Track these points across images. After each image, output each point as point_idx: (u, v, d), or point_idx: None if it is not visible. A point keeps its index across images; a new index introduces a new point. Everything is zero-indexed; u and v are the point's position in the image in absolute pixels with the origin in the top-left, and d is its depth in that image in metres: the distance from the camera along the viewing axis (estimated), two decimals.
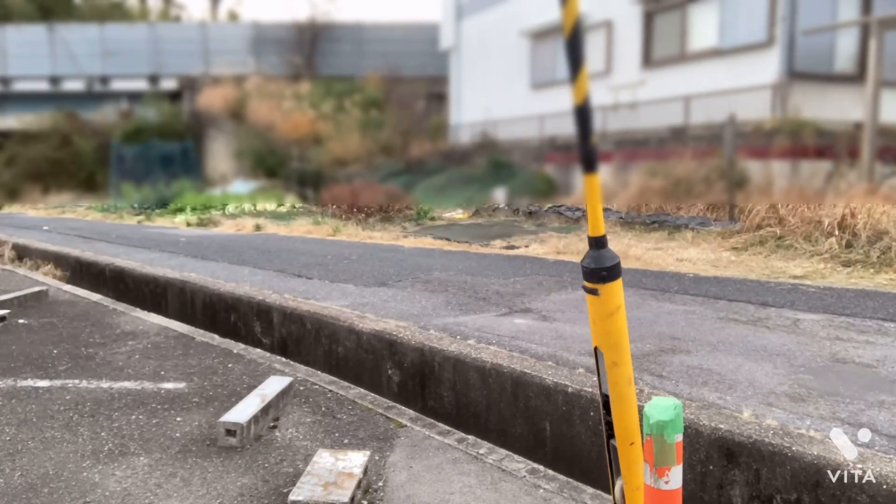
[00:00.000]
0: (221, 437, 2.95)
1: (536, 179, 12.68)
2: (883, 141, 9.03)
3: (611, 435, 1.70)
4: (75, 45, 17.52)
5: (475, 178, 13.02)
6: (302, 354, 5.02)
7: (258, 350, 4.63)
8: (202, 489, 2.55)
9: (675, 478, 1.52)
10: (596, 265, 1.59)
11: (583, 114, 1.52)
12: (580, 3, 1.46)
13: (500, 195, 13.19)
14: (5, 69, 17.75)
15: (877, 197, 8.19)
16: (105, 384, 3.79)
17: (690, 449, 2.72)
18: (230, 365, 4.16)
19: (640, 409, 1.56)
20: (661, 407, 1.50)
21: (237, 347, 4.60)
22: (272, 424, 3.20)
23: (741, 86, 9.98)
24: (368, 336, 4.47)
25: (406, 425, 3.20)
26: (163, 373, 3.99)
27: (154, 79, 17.53)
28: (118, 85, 17.56)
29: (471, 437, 3.12)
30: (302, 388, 3.73)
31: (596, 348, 1.65)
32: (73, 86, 17.61)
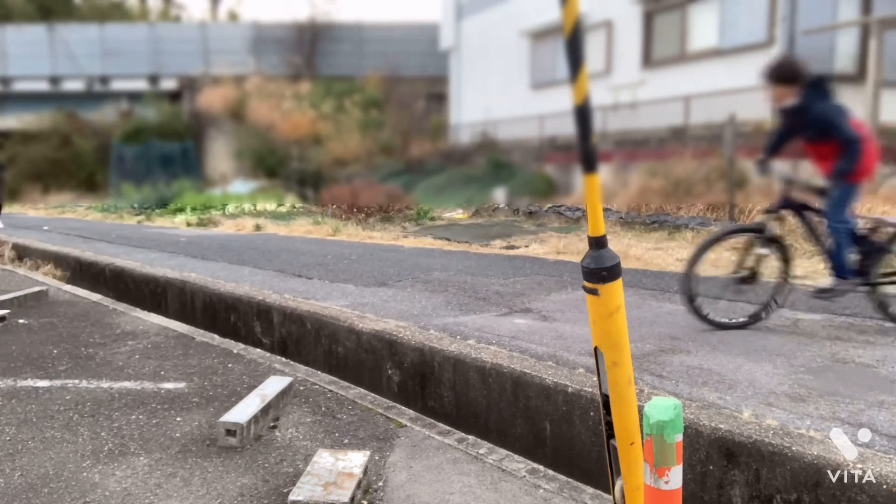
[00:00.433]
0: (221, 437, 2.95)
1: (536, 179, 12.70)
2: (883, 141, 9.03)
3: (611, 435, 1.70)
4: (75, 45, 17.52)
5: (475, 178, 13.04)
6: (302, 354, 5.02)
7: (258, 350, 4.63)
8: (202, 489, 2.55)
9: (675, 478, 1.52)
10: (596, 265, 1.59)
11: (583, 114, 1.52)
12: (580, 3, 1.46)
13: (500, 195, 13.20)
14: (5, 69, 17.76)
15: (877, 197, 8.19)
16: (105, 384, 3.79)
17: (690, 449, 2.72)
18: (230, 365, 4.16)
19: (640, 409, 1.56)
20: (661, 407, 1.50)
21: (237, 347, 4.60)
22: (272, 424, 3.20)
23: (741, 86, 9.98)
24: (368, 336, 4.47)
25: (406, 425, 3.20)
26: (163, 373, 3.99)
27: (154, 79, 17.54)
28: (118, 85, 17.57)
29: (471, 437, 3.12)
30: (302, 388, 3.73)
31: (596, 348, 1.66)
32: (73, 86, 17.62)
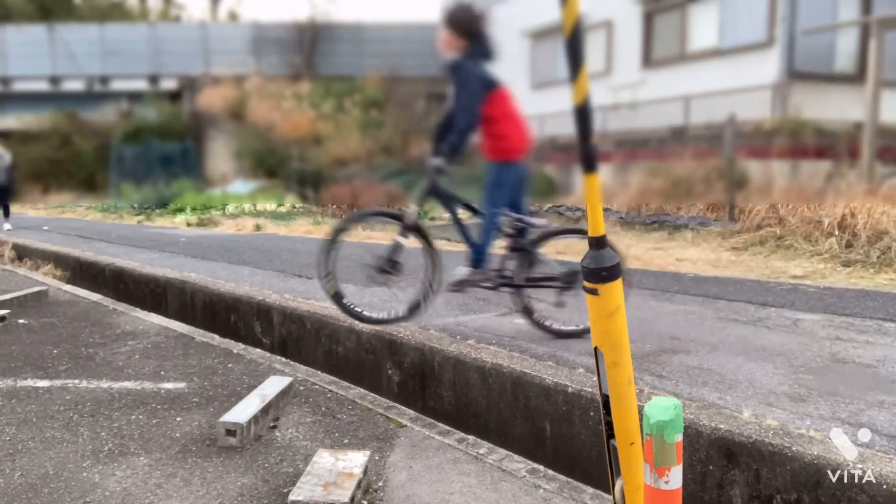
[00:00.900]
0: (221, 437, 2.95)
1: (536, 179, 12.67)
2: (883, 141, 9.04)
3: (611, 435, 1.70)
4: (75, 45, 17.52)
5: (475, 178, 13.01)
6: (302, 354, 5.02)
7: (258, 350, 4.63)
8: (202, 489, 2.55)
9: (675, 478, 1.52)
10: (596, 265, 1.59)
11: (583, 114, 1.52)
12: (580, 3, 1.46)
13: None
14: (5, 69, 17.76)
15: (877, 197, 8.19)
16: (105, 384, 3.79)
17: (690, 449, 2.72)
18: (230, 365, 4.16)
19: (640, 409, 1.56)
20: (661, 407, 1.50)
21: (237, 347, 4.60)
22: (272, 424, 3.20)
23: (741, 86, 9.98)
24: (368, 336, 4.47)
25: (406, 425, 3.20)
26: (163, 373, 3.99)
27: (154, 79, 17.53)
28: (118, 85, 17.56)
29: (471, 437, 3.12)
30: (302, 388, 3.73)
31: (596, 348, 1.66)
32: (73, 86, 17.62)
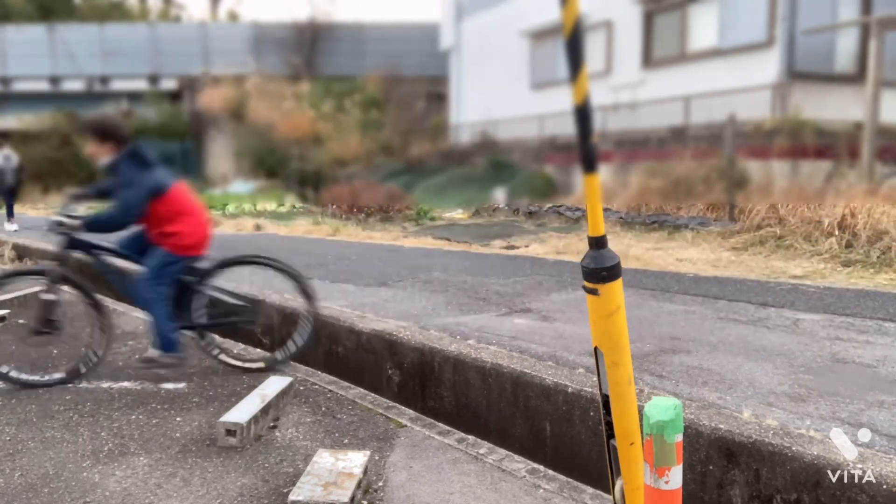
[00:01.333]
0: (221, 437, 2.95)
1: (536, 179, 12.69)
2: (883, 141, 9.03)
3: (611, 435, 1.70)
4: (75, 45, 17.50)
5: (475, 178, 13.03)
6: (302, 354, 5.01)
7: (258, 350, 4.63)
8: (202, 489, 2.55)
9: (675, 478, 1.52)
10: (596, 265, 1.59)
11: (583, 114, 1.52)
12: (580, 3, 1.46)
13: (500, 195, 13.20)
14: (5, 69, 17.74)
15: (877, 197, 8.19)
16: (105, 384, 3.79)
17: (690, 449, 2.72)
18: None
19: (640, 409, 1.56)
20: (661, 407, 1.50)
21: (237, 347, 4.60)
22: (272, 424, 3.20)
23: (741, 86, 9.97)
24: (368, 336, 4.47)
25: (406, 425, 3.20)
26: (163, 372, 3.99)
27: (154, 79, 17.52)
28: (118, 85, 17.55)
29: (471, 437, 3.12)
30: (302, 388, 3.73)
31: (596, 348, 1.66)
32: (73, 86, 17.60)
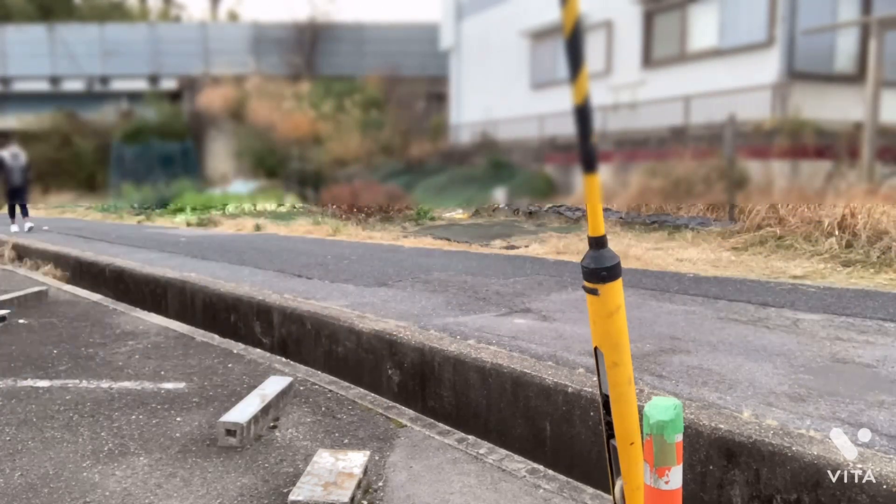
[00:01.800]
0: (221, 437, 2.95)
1: (536, 179, 12.68)
2: (883, 141, 9.03)
3: (611, 435, 1.70)
4: (75, 45, 17.49)
5: (475, 178, 13.02)
6: (302, 354, 5.02)
7: (258, 350, 4.63)
8: (202, 489, 2.55)
9: (675, 478, 1.52)
10: (596, 265, 1.59)
11: (583, 114, 1.52)
12: (580, 3, 1.46)
13: (500, 195, 13.19)
14: (5, 69, 17.72)
15: (877, 197, 8.19)
16: (105, 384, 3.79)
17: (690, 449, 2.72)
18: (230, 365, 4.16)
19: (640, 409, 1.56)
20: (661, 407, 1.50)
21: (237, 347, 4.60)
22: (272, 424, 3.20)
23: (741, 86, 9.97)
24: (368, 336, 4.47)
25: (406, 425, 3.20)
26: (163, 373, 4.00)
27: (154, 79, 17.51)
28: (118, 85, 17.53)
29: (471, 437, 3.13)
30: (302, 388, 3.73)
31: (596, 348, 1.66)
32: (73, 86, 17.59)
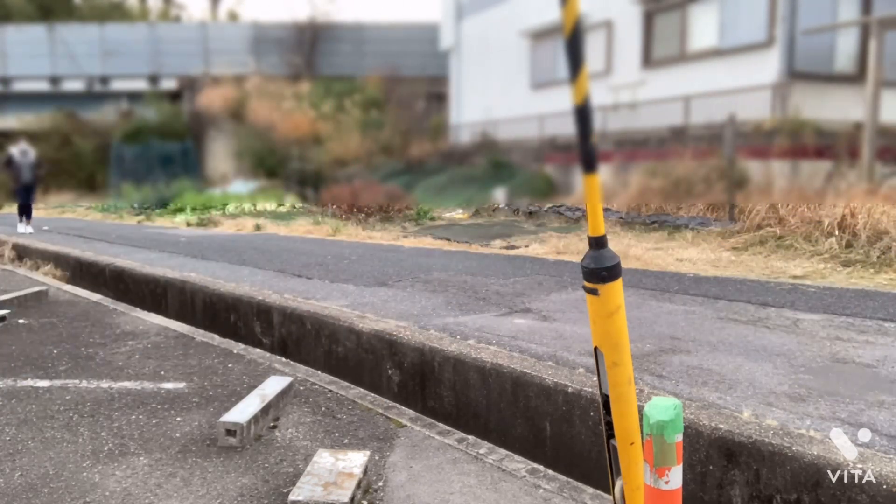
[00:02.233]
0: (221, 437, 2.95)
1: (536, 179, 12.68)
2: (883, 141, 9.03)
3: (611, 435, 1.70)
4: (75, 45, 17.48)
5: (475, 178, 13.02)
6: (302, 354, 5.02)
7: (258, 350, 4.63)
8: (202, 489, 2.55)
9: (675, 478, 1.52)
10: (596, 265, 1.60)
11: (583, 114, 1.52)
12: (580, 3, 1.46)
13: (500, 195, 13.19)
14: (5, 69, 17.72)
15: (877, 197, 8.18)
16: (105, 384, 3.79)
17: (690, 449, 2.72)
18: (230, 365, 4.16)
19: (640, 409, 1.56)
20: (661, 407, 1.50)
21: (237, 347, 4.60)
22: (272, 424, 3.20)
23: (741, 86, 9.97)
24: (368, 336, 4.47)
25: (406, 425, 3.20)
26: (163, 373, 4.00)
27: (154, 79, 17.50)
28: (118, 85, 17.53)
29: (471, 437, 3.13)
30: (302, 388, 3.73)
31: (596, 348, 1.66)
32: (73, 86, 17.59)
